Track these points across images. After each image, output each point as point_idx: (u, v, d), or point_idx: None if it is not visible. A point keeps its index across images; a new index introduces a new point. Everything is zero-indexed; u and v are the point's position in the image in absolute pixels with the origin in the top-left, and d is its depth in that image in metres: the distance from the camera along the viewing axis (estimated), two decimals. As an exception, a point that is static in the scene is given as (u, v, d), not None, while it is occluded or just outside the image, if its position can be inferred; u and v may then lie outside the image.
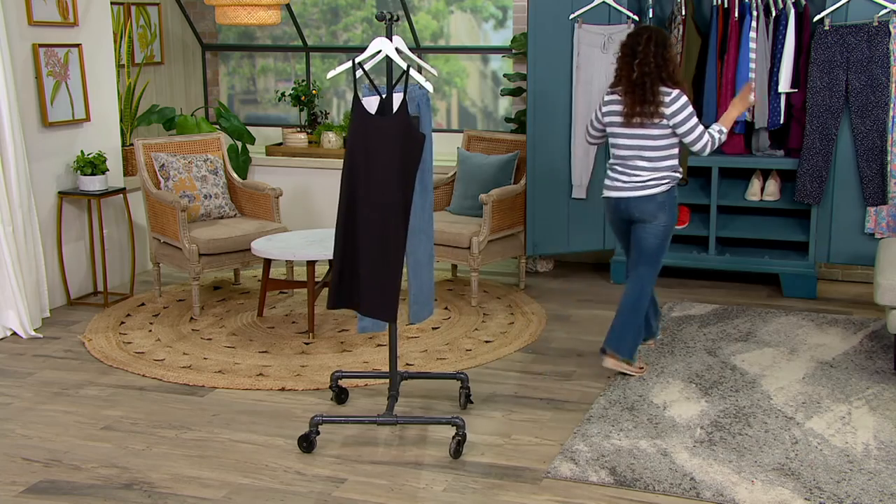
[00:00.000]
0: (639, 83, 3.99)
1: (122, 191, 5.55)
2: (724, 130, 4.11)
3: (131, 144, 6.08)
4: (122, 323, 5.10)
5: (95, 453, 3.56)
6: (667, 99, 3.99)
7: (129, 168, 6.04)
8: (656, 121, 4.00)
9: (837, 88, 5.14)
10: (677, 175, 4.13)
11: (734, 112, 4.18)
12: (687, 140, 4.05)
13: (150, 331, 4.97)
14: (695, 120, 4.02)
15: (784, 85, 5.27)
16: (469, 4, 6.71)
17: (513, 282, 5.85)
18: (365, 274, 3.43)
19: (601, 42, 5.47)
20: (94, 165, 5.34)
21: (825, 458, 3.41)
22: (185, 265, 5.17)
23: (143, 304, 5.42)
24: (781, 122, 5.39)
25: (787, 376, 4.20)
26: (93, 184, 5.35)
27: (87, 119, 5.52)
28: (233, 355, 4.58)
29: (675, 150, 4.11)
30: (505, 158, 5.67)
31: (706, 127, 4.40)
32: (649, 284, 4.20)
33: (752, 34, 5.28)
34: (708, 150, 4.06)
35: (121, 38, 6.21)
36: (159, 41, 6.78)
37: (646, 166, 4.07)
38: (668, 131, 4.04)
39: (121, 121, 5.99)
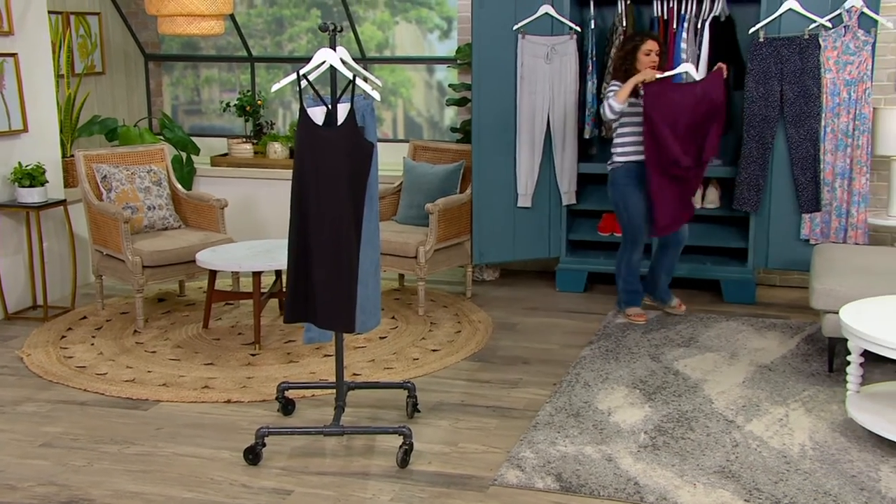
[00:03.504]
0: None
1: (63, 202, 5.45)
2: (612, 97, 4.84)
3: (72, 155, 5.97)
4: (63, 337, 5.00)
5: (32, 471, 3.48)
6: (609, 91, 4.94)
7: (69, 179, 5.94)
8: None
9: (773, 99, 5.28)
10: (619, 159, 4.97)
11: (629, 84, 4.82)
12: None
13: (93, 344, 4.88)
14: (607, 102, 4.86)
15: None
16: (414, 15, 6.74)
17: (459, 290, 5.88)
18: (320, 286, 3.42)
19: (545, 53, 5.54)
20: (32, 177, 5.24)
21: (764, 460, 3.49)
22: (128, 277, 5.09)
23: (84, 318, 5.32)
24: None
25: (727, 380, 4.30)
26: (31, 196, 5.24)
27: (25, 130, 5.41)
28: (177, 368, 4.52)
29: (623, 135, 4.95)
30: (451, 168, 5.71)
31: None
32: (622, 252, 5.14)
33: (683, 44, 5.41)
34: (605, 113, 4.87)
35: (59, 47, 6.10)
36: (100, 51, 6.68)
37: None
38: (613, 119, 4.90)
39: (61, 132, 5.89)
